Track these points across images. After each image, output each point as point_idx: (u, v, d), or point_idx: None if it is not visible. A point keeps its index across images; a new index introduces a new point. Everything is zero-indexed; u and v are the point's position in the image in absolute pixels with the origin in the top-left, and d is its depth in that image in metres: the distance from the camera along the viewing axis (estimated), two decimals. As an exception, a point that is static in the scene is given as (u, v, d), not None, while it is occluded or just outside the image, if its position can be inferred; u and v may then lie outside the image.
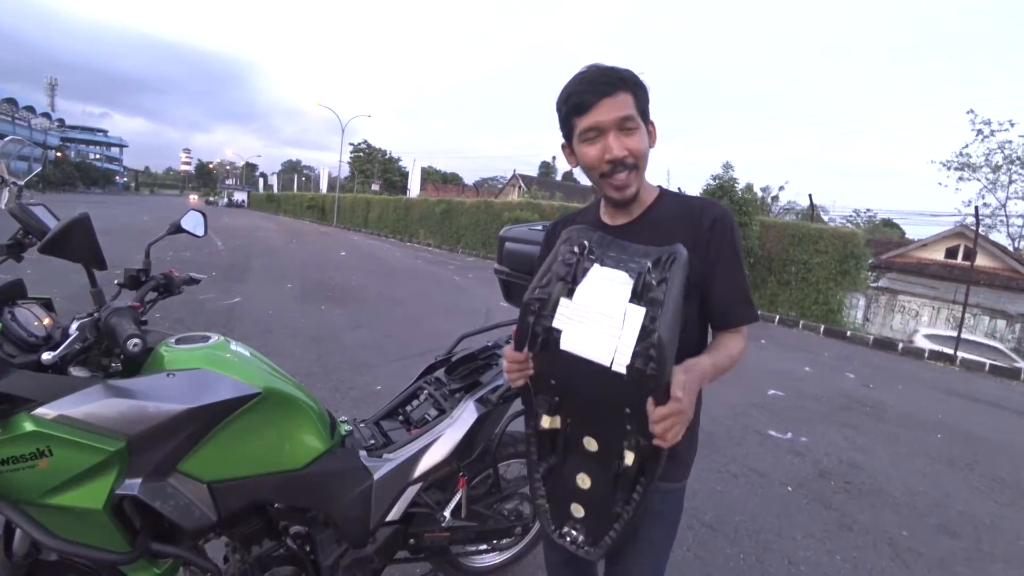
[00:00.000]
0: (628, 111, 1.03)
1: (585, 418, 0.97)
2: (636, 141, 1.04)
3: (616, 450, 0.93)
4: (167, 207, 34.52)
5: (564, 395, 0.96)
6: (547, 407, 0.98)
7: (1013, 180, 24.61)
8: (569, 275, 0.91)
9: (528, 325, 0.92)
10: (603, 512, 0.99)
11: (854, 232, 10.86)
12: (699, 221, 1.07)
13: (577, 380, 0.91)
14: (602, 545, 1.00)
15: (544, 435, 1.01)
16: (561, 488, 1.02)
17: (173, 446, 1.23)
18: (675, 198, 1.15)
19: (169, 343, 1.38)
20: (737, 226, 1.10)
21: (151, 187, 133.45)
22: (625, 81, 1.03)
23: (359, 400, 3.70)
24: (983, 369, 8.55)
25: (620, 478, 0.94)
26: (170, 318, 5.41)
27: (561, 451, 1.00)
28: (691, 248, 1.00)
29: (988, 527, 3.08)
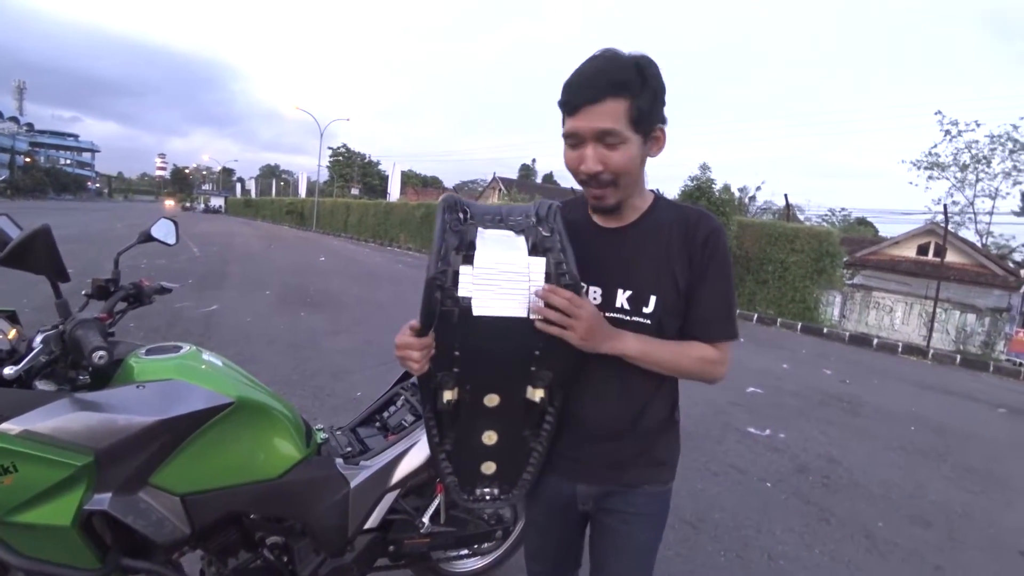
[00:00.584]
0: (609, 124, 0.93)
1: (486, 378, 0.97)
2: (618, 156, 0.95)
3: (520, 393, 0.97)
4: (142, 213, 33.82)
5: (466, 363, 0.94)
6: (448, 382, 0.95)
7: (980, 178, 25.37)
8: (463, 243, 0.90)
9: (436, 302, 0.88)
10: (515, 457, 1.03)
11: (829, 231, 11.09)
12: (693, 234, 1.03)
13: (484, 342, 0.92)
14: (521, 485, 1.05)
15: (444, 413, 0.99)
16: (468, 453, 1.03)
17: (144, 459, 1.21)
18: (669, 207, 1.10)
19: (139, 354, 1.35)
20: (726, 241, 1.06)
21: (124, 193, 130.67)
22: (620, 86, 0.92)
23: (338, 407, 3.66)
24: (954, 362, 8.79)
25: (529, 413, 0.99)
26: (145, 327, 5.30)
27: (464, 419, 1.00)
28: (684, 257, 1.01)
29: (960, 516, 3.16)
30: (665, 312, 1.02)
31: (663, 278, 1.02)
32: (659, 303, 1.02)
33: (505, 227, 0.94)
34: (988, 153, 24.77)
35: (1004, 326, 10.11)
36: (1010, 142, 24.03)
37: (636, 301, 1.03)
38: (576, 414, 1.06)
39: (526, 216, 0.96)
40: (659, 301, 1.02)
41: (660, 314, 1.02)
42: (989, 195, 25.59)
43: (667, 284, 1.02)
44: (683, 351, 1.03)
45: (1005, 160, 24.58)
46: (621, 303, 1.04)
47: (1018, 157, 24.10)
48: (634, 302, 1.03)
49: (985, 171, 25.16)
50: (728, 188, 11.29)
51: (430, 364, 0.93)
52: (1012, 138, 23.93)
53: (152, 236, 1.66)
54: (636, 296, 1.03)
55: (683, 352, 1.03)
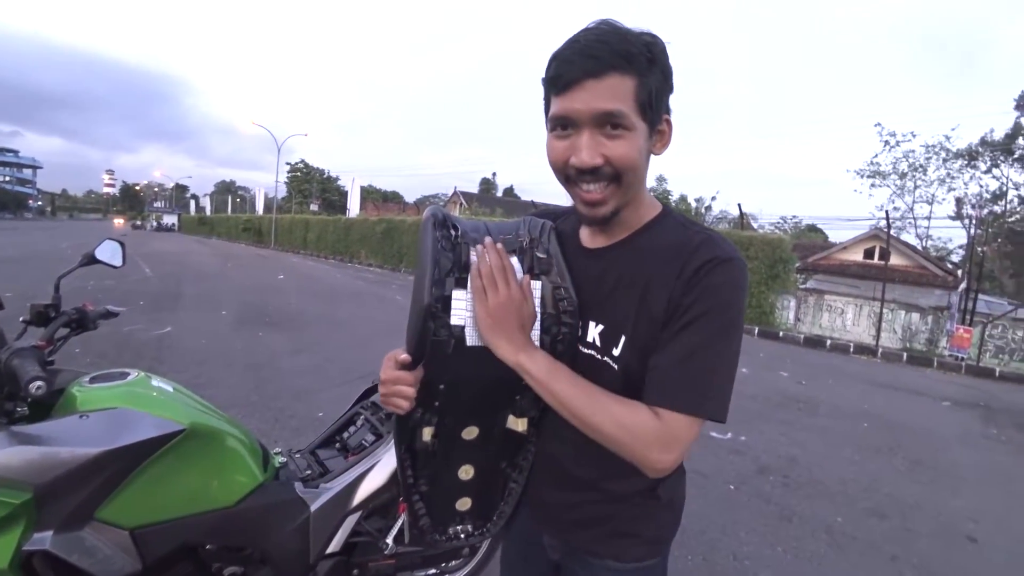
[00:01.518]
0: (615, 104, 0.73)
1: (466, 410, 0.89)
2: (622, 147, 0.75)
3: (500, 424, 0.91)
4: (89, 232, 32.33)
5: (448, 397, 0.86)
6: (430, 419, 0.87)
7: (917, 186, 26.96)
8: (456, 265, 0.80)
9: (428, 332, 0.78)
10: (491, 490, 0.96)
11: (781, 238, 11.53)
12: (686, 261, 0.78)
13: (471, 375, 0.84)
14: (497, 519, 0.98)
15: (419, 451, 0.90)
16: (443, 491, 0.94)
17: (88, 493, 1.15)
18: (675, 228, 0.84)
19: (83, 382, 1.30)
20: (738, 280, 0.78)
21: (69, 211, 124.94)
22: (630, 57, 0.73)
23: (300, 429, 3.56)
24: (901, 360, 9.21)
25: (508, 444, 0.93)
26: (92, 352, 5.05)
27: (440, 455, 0.91)
28: (666, 291, 0.78)
29: (912, 507, 3.31)
30: (637, 358, 0.80)
31: (637, 316, 0.80)
32: (629, 346, 0.81)
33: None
34: (924, 162, 26.41)
35: (945, 323, 10.67)
36: (943, 151, 25.67)
37: (607, 339, 0.83)
38: (541, 445, 0.94)
39: (516, 235, 0.87)
40: (629, 343, 0.81)
41: (629, 359, 0.81)
42: (927, 201, 27.24)
43: (642, 324, 0.80)
44: (605, 404, 0.77)
45: (939, 168, 26.24)
46: (593, 338, 0.85)
47: (951, 165, 25.72)
48: (605, 340, 0.83)
49: (922, 179, 26.82)
50: (685, 199, 11.64)
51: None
52: (945, 148, 25.57)
53: (96, 258, 1.60)
54: (607, 334, 0.83)
55: (604, 406, 0.77)
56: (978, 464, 4.26)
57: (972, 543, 2.95)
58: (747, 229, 13.79)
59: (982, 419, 5.77)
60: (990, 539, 3.00)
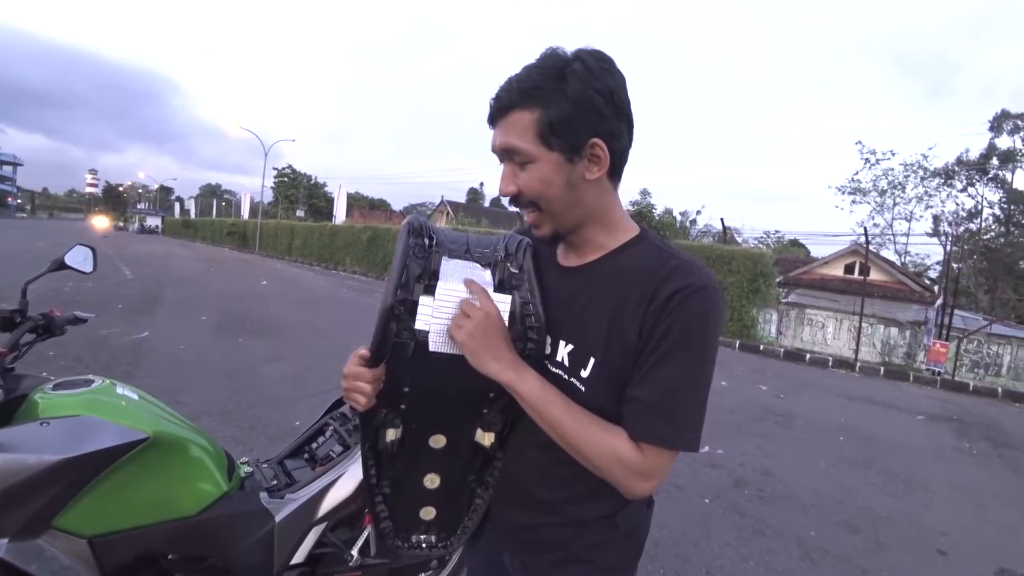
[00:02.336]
0: (510, 140, 0.78)
1: (434, 416, 0.90)
2: (528, 177, 0.79)
3: (468, 436, 0.91)
4: (68, 232, 31.71)
5: (414, 400, 0.87)
6: (394, 420, 0.88)
7: (896, 203, 27.54)
8: (426, 272, 0.82)
9: (391, 332, 0.80)
10: (456, 503, 0.96)
11: (762, 253, 11.68)
12: (657, 288, 0.77)
13: (437, 380, 0.84)
14: (461, 533, 0.98)
15: (384, 452, 0.91)
16: (407, 496, 0.95)
17: (46, 501, 1.13)
18: (649, 251, 0.84)
19: (45, 389, 1.28)
20: (711, 309, 0.77)
21: (49, 210, 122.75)
22: (530, 93, 0.76)
23: (275, 438, 3.51)
24: (879, 373, 9.35)
25: (476, 455, 0.92)
26: (67, 356, 4.95)
27: (405, 460, 0.92)
28: (639, 316, 0.78)
29: (884, 520, 3.35)
30: (607, 381, 0.81)
31: (608, 338, 0.80)
32: (598, 369, 0.81)
33: (471, 258, 0.86)
34: (903, 180, 27.01)
35: (923, 338, 10.88)
36: (921, 170, 26.30)
37: (575, 360, 0.84)
38: (505, 466, 0.94)
39: (494, 249, 0.89)
40: (598, 366, 0.81)
41: (597, 383, 0.81)
42: (905, 218, 27.85)
43: (612, 347, 0.80)
44: (592, 432, 0.78)
45: (918, 186, 26.86)
46: (561, 357, 0.85)
47: (929, 183, 26.35)
48: (573, 360, 0.84)
49: (901, 196, 27.41)
50: (669, 212, 11.77)
51: (376, 400, 0.84)
52: (923, 166, 26.19)
53: (66, 264, 1.59)
54: (576, 354, 0.84)
55: (591, 433, 0.78)
56: (950, 477, 4.33)
57: (942, 556, 2.99)
58: (731, 243, 13.95)
59: (955, 433, 5.87)
60: (960, 552, 3.05)
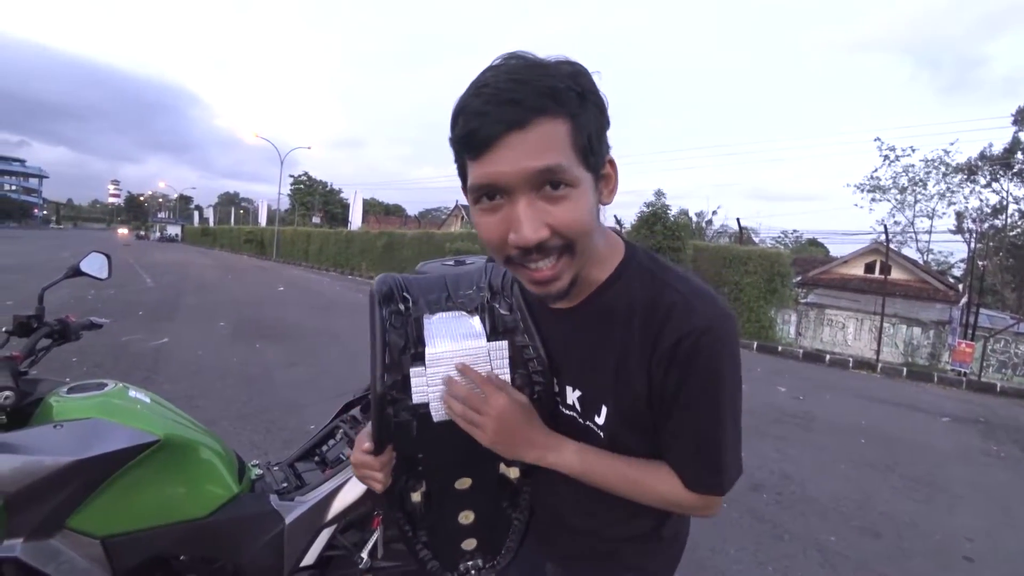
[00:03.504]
0: (553, 158, 0.59)
1: (454, 467, 0.87)
2: (570, 210, 0.61)
3: (492, 471, 0.88)
4: (91, 242, 32.49)
5: (431, 464, 0.85)
6: (416, 484, 0.86)
7: (917, 200, 27.00)
8: (409, 340, 0.76)
9: (388, 419, 0.75)
10: (495, 529, 0.95)
11: (779, 253, 11.53)
12: (658, 334, 0.69)
13: (449, 442, 0.80)
14: (506, 553, 0.97)
15: (415, 509, 0.89)
16: (446, 536, 0.93)
17: (59, 501, 1.16)
18: (637, 278, 0.74)
19: (60, 392, 1.31)
20: (724, 345, 0.69)
21: (74, 220, 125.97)
22: (557, 95, 0.58)
23: (290, 441, 3.54)
24: (901, 375, 9.15)
25: (503, 486, 0.89)
26: (89, 362, 5.06)
27: (436, 509, 0.90)
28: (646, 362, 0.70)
29: (907, 525, 3.26)
30: (622, 426, 0.76)
31: (617, 384, 0.74)
32: (612, 415, 0.76)
33: (455, 306, 0.80)
34: (924, 176, 26.49)
35: (947, 338, 10.63)
36: (943, 166, 25.75)
37: (587, 407, 0.78)
38: (538, 495, 0.92)
39: (477, 288, 0.82)
40: (612, 413, 0.76)
41: (615, 428, 0.76)
42: (927, 215, 27.27)
43: (623, 393, 0.74)
44: (644, 484, 0.76)
45: (939, 182, 26.31)
46: (572, 402, 0.80)
47: (951, 180, 25.79)
48: (585, 407, 0.78)
49: (922, 193, 26.88)
50: (685, 213, 11.67)
51: (392, 474, 0.82)
52: (944, 162, 25.65)
53: (81, 271, 1.62)
54: (586, 401, 0.78)
55: (644, 486, 0.76)
56: (976, 481, 4.21)
57: (968, 563, 2.90)
58: (747, 243, 13.80)
59: (981, 435, 5.72)
60: (986, 559, 2.96)
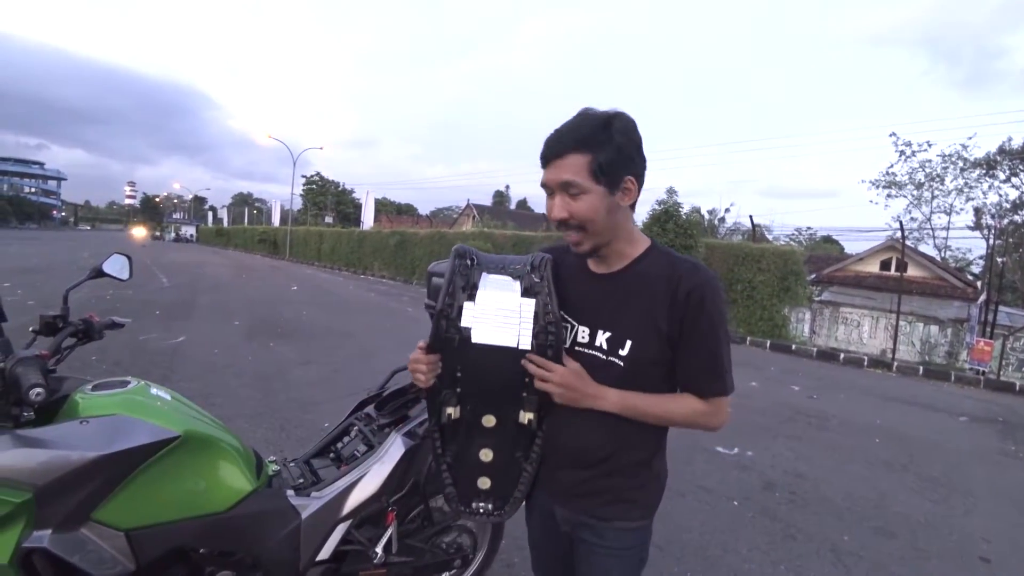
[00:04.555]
0: (569, 176, 1.01)
1: (484, 399, 1.11)
2: (581, 205, 1.03)
3: (513, 416, 1.11)
4: (110, 243, 32.99)
5: (466, 384, 1.10)
6: (452, 399, 1.11)
7: (935, 196, 26.51)
8: (468, 284, 1.08)
9: (442, 329, 1.06)
10: (508, 475, 1.16)
11: (792, 250, 11.41)
12: (676, 287, 1.05)
13: (482, 367, 1.08)
14: (512, 503, 1.18)
15: (447, 426, 1.13)
16: (466, 467, 1.16)
17: (85, 495, 1.20)
18: (662, 256, 1.12)
19: (85, 390, 1.35)
20: (719, 293, 1.08)
21: (92, 221, 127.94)
22: (583, 142, 1.00)
23: (305, 439, 3.58)
24: (917, 373, 9.03)
25: (521, 434, 1.13)
26: (108, 360, 5.16)
27: (463, 435, 1.14)
28: (667, 310, 1.05)
29: (923, 525, 3.23)
30: (641, 357, 1.07)
31: (642, 326, 1.06)
32: (635, 348, 1.07)
33: (506, 273, 1.10)
34: (941, 172, 26.00)
35: (965, 336, 10.47)
36: (960, 161, 25.26)
37: (613, 343, 1.08)
38: (552, 437, 1.14)
39: (524, 265, 1.11)
40: (635, 346, 1.07)
41: (635, 358, 1.07)
42: (945, 211, 26.75)
43: (646, 331, 1.06)
44: (671, 405, 1.09)
45: (957, 178, 25.79)
46: (600, 343, 1.10)
47: (969, 175, 25.30)
48: (612, 344, 1.08)
49: (939, 188, 26.37)
50: (697, 211, 11.60)
51: (437, 381, 1.10)
52: (962, 157, 25.15)
53: (104, 272, 1.66)
54: (614, 339, 1.08)
55: (671, 407, 1.09)
56: (994, 482, 4.16)
57: (985, 564, 2.87)
58: (760, 241, 13.67)
59: (1000, 435, 5.64)
60: (1004, 560, 2.92)
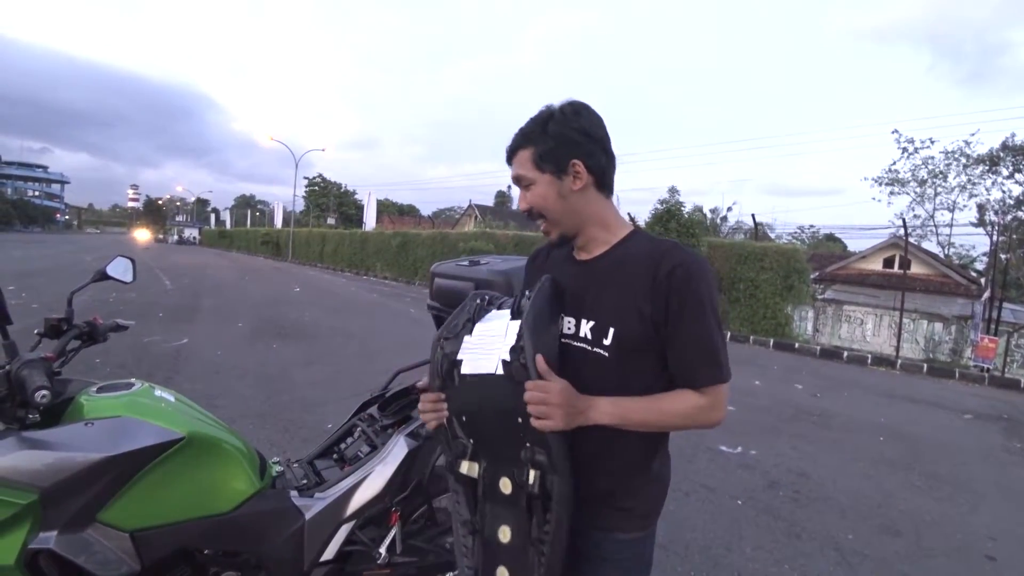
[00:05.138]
0: (519, 171, 1.08)
1: (494, 454, 1.01)
2: (533, 195, 1.07)
3: (523, 478, 0.96)
4: (113, 246, 33.07)
5: (471, 431, 1.02)
6: (464, 450, 1.02)
7: (938, 193, 26.40)
8: (471, 320, 1.04)
9: (438, 360, 1.01)
10: (526, 565, 0.99)
11: (796, 248, 11.40)
12: (656, 268, 0.99)
13: (479, 408, 1.00)
14: None
15: (466, 484, 1.04)
16: (486, 549, 1.03)
17: (91, 496, 1.20)
18: (643, 239, 1.09)
19: (90, 392, 1.36)
20: (705, 274, 1.01)
21: (95, 224, 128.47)
22: (525, 137, 1.07)
23: (309, 439, 3.59)
24: (922, 371, 9.00)
25: (533, 505, 0.96)
26: (112, 363, 5.18)
27: (482, 503, 1.02)
28: (649, 292, 0.99)
29: (928, 524, 3.22)
30: (625, 345, 1.01)
31: (624, 312, 1.01)
32: (617, 336, 1.01)
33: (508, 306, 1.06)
34: (944, 168, 25.88)
35: (969, 333, 10.42)
36: (963, 157, 25.14)
37: (597, 332, 1.03)
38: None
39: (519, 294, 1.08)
40: (617, 334, 1.01)
41: (619, 347, 1.01)
42: (948, 208, 26.63)
43: (628, 318, 1.01)
44: (668, 407, 1.01)
45: (960, 174, 25.67)
46: (584, 333, 1.05)
47: (972, 171, 25.19)
48: (595, 333, 1.04)
49: (942, 185, 26.24)
50: (699, 210, 11.60)
51: (447, 428, 1.05)
52: (965, 153, 25.04)
53: (107, 275, 1.66)
54: (597, 328, 1.04)
55: (668, 409, 1.01)
56: (999, 480, 4.15)
57: (991, 562, 2.86)
58: (763, 240, 13.64)
59: (1005, 433, 5.61)
60: (1010, 558, 2.92)
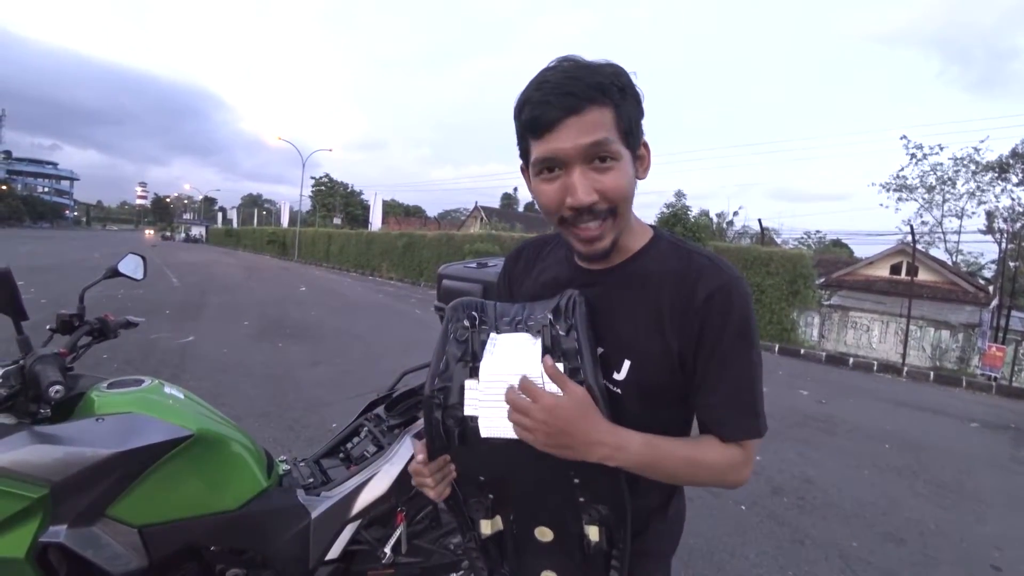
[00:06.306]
0: (602, 134, 0.72)
1: (529, 508, 0.83)
2: (615, 178, 0.75)
3: (576, 529, 0.80)
4: (121, 243, 33.33)
5: (498, 490, 0.82)
6: (483, 511, 0.84)
7: (946, 199, 26.27)
8: (467, 353, 0.78)
9: (437, 423, 0.77)
10: None
11: (802, 254, 11.33)
12: (692, 290, 0.79)
13: (510, 468, 0.79)
14: None
15: (489, 543, 0.85)
16: None
17: (100, 491, 1.21)
18: (671, 250, 0.85)
19: (101, 388, 1.37)
20: (748, 301, 0.80)
21: (104, 221, 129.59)
22: (604, 89, 0.73)
23: (313, 439, 3.61)
24: (928, 378, 8.94)
25: (591, 560, 0.81)
26: (119, 359, 5.21)
27: (513, 555, 0.86)
28: (678, 320, 0.79)
29: (933, 532, 3.20)
30: (644, 384, 0.81)
31: (645, 341, 0.80)
32: (634, 371, 0.81)
33: (525, 329, 0.79)
34: (952, 175, 25.75)
35: (977, 341, 10.34)
36: (972, 164, 25.00)
37: (606, 364, 0.82)
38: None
39: (545, 313, 0.80)
40: (635, 368, 0.81)
41: (636, 385, 0.81)
42: (956, 215, 26.49)
43: (650, 349, 0.80)
44: (701, 457, 0.81)
45: (969, 181, 25.54)
46: None
47: (981, 178, 25.04)
48: (604, 364, 0.81)
49: (951, 192, 26.12)
50: (705, 214, 11.55)
51: (458, 488, 0.84)
52: (974, 160, 24.91)
53: (119, 272, 1.68)
54: (607, 357, 0.82)
55: (701, 460, 0.81)
56: (1006, 489, 4.11)
57: (996, 572, 2.84)
58: (769, 244, 13.60)
59: (1012, 442, 5.57)
60: (1015, 568, 2.89)
